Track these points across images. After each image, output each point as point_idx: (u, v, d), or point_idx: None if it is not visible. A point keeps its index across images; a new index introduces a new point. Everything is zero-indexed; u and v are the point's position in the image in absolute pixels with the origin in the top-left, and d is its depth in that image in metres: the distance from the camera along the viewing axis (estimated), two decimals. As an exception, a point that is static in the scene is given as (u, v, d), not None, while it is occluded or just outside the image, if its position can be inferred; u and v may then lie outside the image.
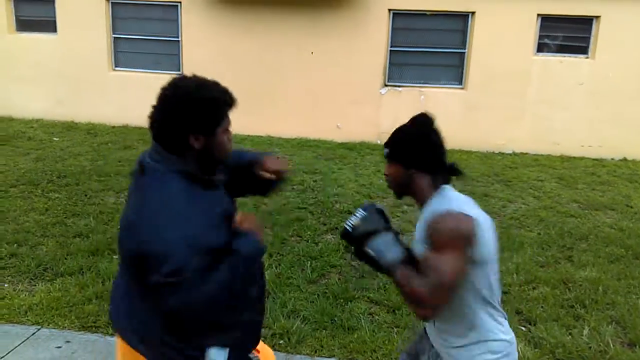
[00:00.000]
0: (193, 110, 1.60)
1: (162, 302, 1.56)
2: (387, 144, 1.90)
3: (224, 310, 1.65)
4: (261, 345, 1.99)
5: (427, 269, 1.63)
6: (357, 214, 1.78)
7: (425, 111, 1.88)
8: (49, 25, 10.15)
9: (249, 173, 1.93)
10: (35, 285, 3.90)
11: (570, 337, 3.47)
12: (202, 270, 1.55)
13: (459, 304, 1.76)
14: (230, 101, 1.71)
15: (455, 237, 1.64)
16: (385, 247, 1.72)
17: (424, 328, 2.04)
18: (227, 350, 1.69)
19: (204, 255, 1.56)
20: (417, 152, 1.81)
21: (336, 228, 5.22)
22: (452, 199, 1.77)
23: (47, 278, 4.01)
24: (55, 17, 10.06)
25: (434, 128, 1.83)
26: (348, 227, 1.77)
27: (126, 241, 1.64)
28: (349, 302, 3.80)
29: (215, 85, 1.68)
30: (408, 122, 1.89)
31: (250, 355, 1.84)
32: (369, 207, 1.81)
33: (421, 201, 1.86)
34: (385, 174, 1.92)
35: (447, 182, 1.87)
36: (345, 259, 4.50)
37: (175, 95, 1.63)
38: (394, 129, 1.92)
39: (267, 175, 1.91)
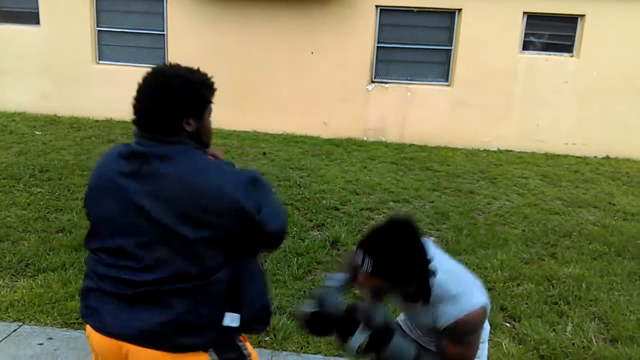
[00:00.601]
0: (189, 93, 1.62)
1: (267, 233, 1.65)
2: (368, 253, 1.66)
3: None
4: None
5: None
6: (360, 336, 1.66)
7: (405, 215, 1.74)
8: (32, 17, 9.99)
9: None
10: (16, 281, 3.84)
11: (554, 333, 3.50)
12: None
13: None
14: (214, 86, 1.74)
15: (477, 330, 1.75)
16: (400, 353, 1.71)
17: (397, 323, 2.06)
18: (239, 316, 1.68)
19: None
20: (409, 270, 1.65)
21: (322, 224, 5.21)
22: (457, 291, 1.72)
23: (29, 274, 3.95)
24: (38, 9, 9.91)
25: (419, 236, 1.67)
26: (354, 353, 1.68)
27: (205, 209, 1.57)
28: (335, 299, 3.80)
29: (199, 70, 1.71)
30: (389, 228, 1.68)
31: (239, 344, 1.82)
32: (370, 321, 1.68)
33: (408, 301, 1.82)
34: (360, 284, 1.78)
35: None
36: (331, 255, 4.50)
37: (170, 81, 1.63)
38: (372, 234, 1.70)
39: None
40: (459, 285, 1.74)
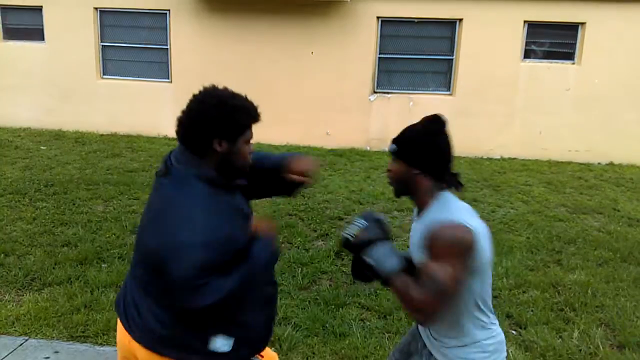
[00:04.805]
0: (221, 115, 1.68)
1: (181, 300, 1.61)
2: (394, 140, 1.86)
3: (237, 309, 1.71)
4: (266, 351, 1.98)
5: (426, 276, 1.65)
6: (357, 223, 1.78)
7: (439, 113, 1.85)
8: (37, 34, 10.10)
9: (275, 176, 1.96)
10: (22, 296, 3.86)
11: (560, 340, 3.49)
12: (219, 271, 1.60)
13: (454, 309, 1.78)
14: (257, 115, 1.80)
15: (455, 248, 1.65)
16: (384, 256, 1.73)
17: (417, 327, 2.05)
18: (232, 340, 1.73)
19: (222, 256, 1.61)
20: (424, 153, 1.79)
21: (327, 234, 5.22)
22: (453, 208, 1.76)
23: (35, 288, 3.97)
24: (43, 25, 10.02)
25: (444, 131, 1.81)
26: (349, 236, 1.78)
27: (147, 240, 1.70)
28: (340, 308, 3.80)
29: (246, 97, 1.77)
30: (420, 121, 1.86)
31: (253, 359, 1.83)
32: (368, 216, 1.81)
33: (420, 204, 1.85)
34: (387, 170, 1.91)
35: (448, 188, 1.84)
36: (336, 265, 4.50)
37: (207, 99, 1.70)
38: (405, 127, 1.88)
39: (295, 177, 1.94)
40: (462, 206, 1.78)
